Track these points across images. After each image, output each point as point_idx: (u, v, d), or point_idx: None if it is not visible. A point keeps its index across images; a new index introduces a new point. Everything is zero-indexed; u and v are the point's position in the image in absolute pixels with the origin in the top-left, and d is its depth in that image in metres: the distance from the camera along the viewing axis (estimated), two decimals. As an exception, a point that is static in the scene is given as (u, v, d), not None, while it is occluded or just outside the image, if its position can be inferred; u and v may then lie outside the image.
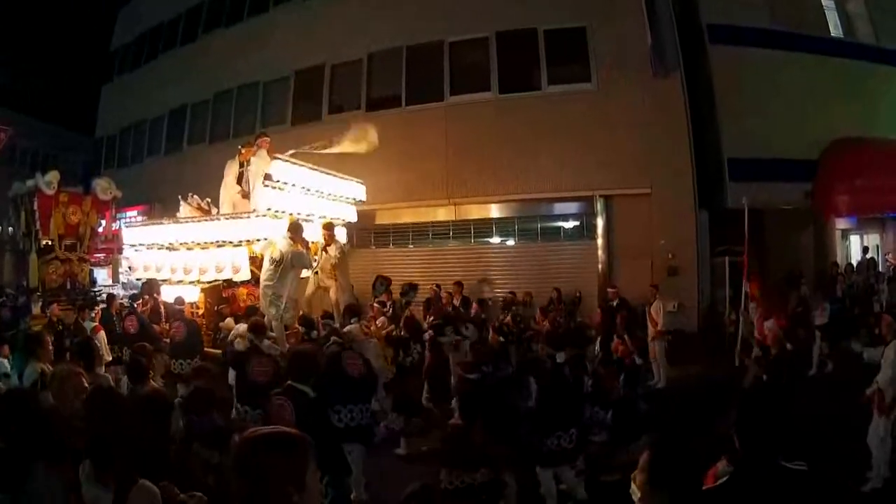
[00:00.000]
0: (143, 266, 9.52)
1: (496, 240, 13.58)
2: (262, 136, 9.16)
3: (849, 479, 5.20)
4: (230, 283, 8.61)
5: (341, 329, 7.28)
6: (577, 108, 12.31)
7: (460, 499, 4.63)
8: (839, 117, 12.39)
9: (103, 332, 8.54)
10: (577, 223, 12.85)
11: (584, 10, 12.40)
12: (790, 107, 11.99)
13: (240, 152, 9.30)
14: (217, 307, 8.71)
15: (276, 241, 7.85)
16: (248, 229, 8.21)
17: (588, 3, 12.39)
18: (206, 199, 9.69)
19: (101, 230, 12.47)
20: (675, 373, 9.19)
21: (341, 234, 10.13)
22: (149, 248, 9.36)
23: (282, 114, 15.15)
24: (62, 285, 11.36)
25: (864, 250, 14.63)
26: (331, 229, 8.57)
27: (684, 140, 11.63)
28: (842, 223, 14.24)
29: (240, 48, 16.31)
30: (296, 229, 7.85)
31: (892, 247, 14.29)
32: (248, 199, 8.96)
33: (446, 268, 13.14)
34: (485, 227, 13.56)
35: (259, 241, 8.29)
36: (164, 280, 9.14)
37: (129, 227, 11.12)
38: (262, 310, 7.85)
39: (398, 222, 14.26)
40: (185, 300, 8.68)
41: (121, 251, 12.97)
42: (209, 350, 7.91)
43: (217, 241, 8.44)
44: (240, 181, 9.25)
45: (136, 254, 9.79)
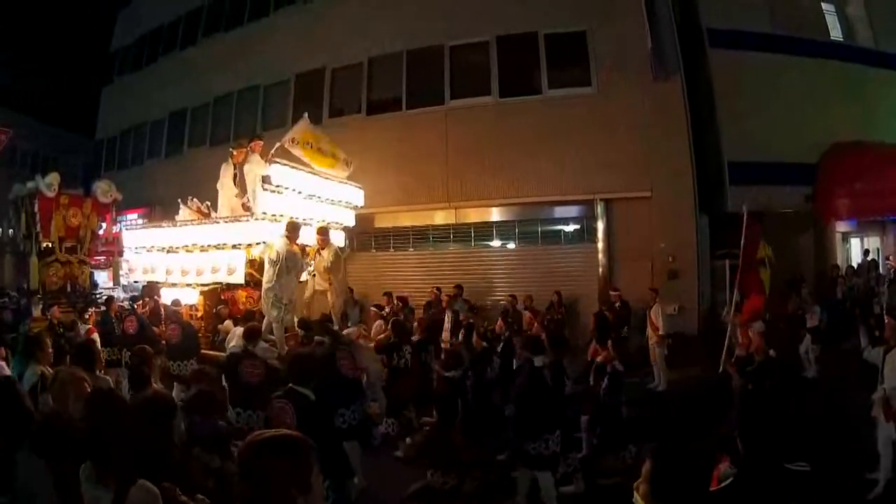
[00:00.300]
0: (143, 269, 9.53)
1: (496, 243, 13.57)
2: (255, 139, 9.15)
3: (849, 480, 5.19)
4: (229, 285, 8.63)
5: (340, 332, 7.30)
6: (577, 111, 12.32)
7: (441, 499, 4.66)
8: (839, 121, 12.40)
9: (97, 334, 8.55)
10: (578, 226, 12.83)
11: (584, 14, 12.41)
12: (790, 110, 12.00)
13: (231, 154, 9.31)
14: (216, 309, 8.73)
15: (273, 242, 7.85)
16: (246, 232, 8.21)
17: (588, 7, 12.39)
18: (206, 203, 9.68)
19: (101, 232, 12.50)
20: (675, 376, 9.20)
21: (339, 238, 10.13)
22: (148, 251, 9.36)
23: (282, 117, 15.13)
24: (62, 288, 11.39)
25: (865, 253, 14.65)
26: (325, 234, 8.57)
27: (684, 143, 11.64)
28: (842, 226, 14.26)
29: (240, 51, 16.35)
30: (293, 229, 7.83)
31: (892, 249, 14.30)
32: (245, 201, 8.97)
33: (446, 271, 13.14)
34: (485, 231, 13.55)
35: (258, 244, 8.30)
36: (163, 282, 9.16)
37: (129, 229, 11.13)
38: (264, 312, 7.85)
39: (398, 225, 14.25)
40: (182, 302, 8.70)
41: (121, 254, 13.00)
42: (207, 352, 7.91)
43: (216, 244, 8.45)
44: (235, 183, 9.25)
45: (135, 256, 9.79)
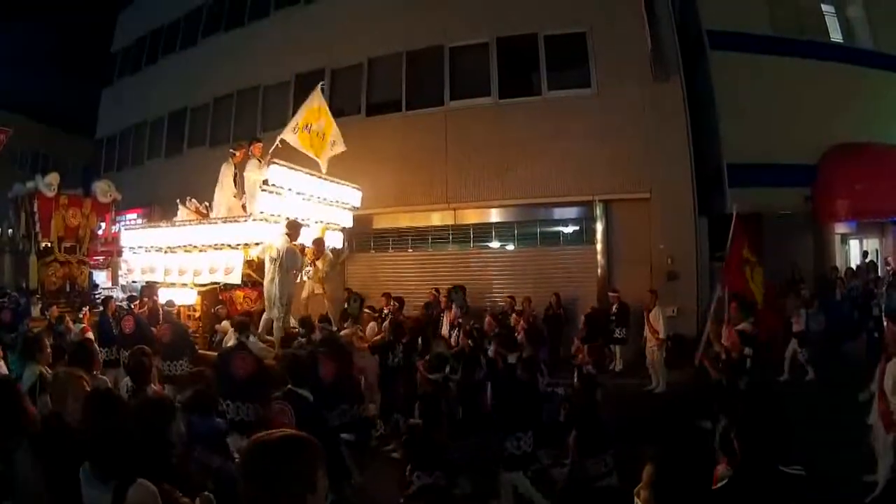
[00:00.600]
0: (141, 269, 9.52)
1: (495, 244, 13.58)
2: (255, 141, 9.16)
3: (843, 484, 5.19)
4: (227, 286, 8.62)
5: (338, 333, 7.33)
6: (576, 112, 12.33)
7: (422, 499, 4.66)
8: (839, 122, 12.42)
9: (91, 334, 8.54)
10: (577, 228, 12.84)
11: (583, 16, 12.43)
12: (790, 112, 12.01)
13: (233, 155, 9.33)
14: (214, 310, 8.72)
15: (274, 240, 7.86)
16: (244, 233, 8.21)
17: (588, 8, 12.41)
18: (205, 203, 9.68)
19: (100, 233, 12.49)
20: (674, 377, 9.20)
21: (337, 239, 10.13)
22: (147, 251, 9.36)
23: (282, 118, 15.08)
24: (62, 287, 11.38)
25: (864, 255, 14.66)
26: (320, 245, 8.61)
27: (684, 145, 11.65)
28: (841, 228, 14.26)
29: (240, 52, 16.37)
30: (294, 227, 7.86)
31: (891, 251, 14.31)
32: (243, 202, 8.98)
33: (445, 272, 13.14)
34: (484, 232, 13.55)
35: (256, 245, 8.30)
36: (161, 282, 9.15)
37: (127, 229, 11.12)
38: (266, 312, 7.85)
39: (398, 226, 14.26)
40: (177, 302, 8.68)
41: (120, 254, 12.99)
42: (204, 353, 7.90)
43: (214, 245, 8.45)
44: (235, 183, 9.26)
45: (133, 256, 9.79)
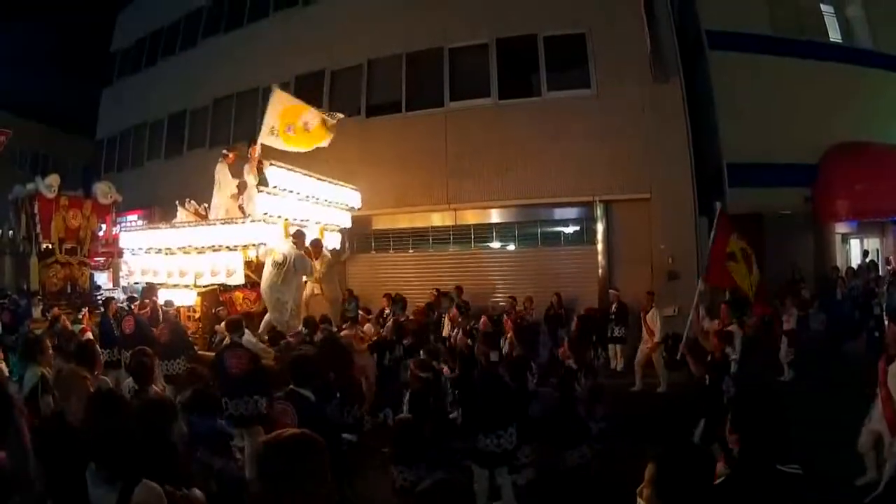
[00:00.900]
0: (141, 270, 9.53)
1: (496, 245, 13.57)
2: (253, 143, 9.17)
3: (842, 484, 5.19)
4: (226, 287, 8.63)
5: (338, 334, 7.33)
6: (576, 113, 12.33)
7: (408, 497, 4.66)
8: (838, 122, 12.44)
9: (90, 334, 8.54)
10: (577, 228, 12.83)
11: (583, 16, 12.42)
12: (789, 112, 12.03)
13: (225, 156, 9.34)
14: (215, 311, 8.72)
15: (278, 245, 7.88)
16: (243, 234, 8.23)
17: (587, 9, 12.40)
18: (204, 205, 9.69)
19: (101, 234, 12.51)
20: (673, 378, 9.18)
21: (336, 240, 10.14)
22: (146, 252, 9.38)
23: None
24: (62, 289, 11.39)
25: (865, 254, 14.66)
26: (318, 245, 8.65)
27: (684, 145, 11.64)
28: (842, 227, 14.25)
29: (239, 53, 16.35)
30: (300, 236, 7.99)
31: (892, 251, 14.31)
32: (240, 202, 9.00)
33: (446, 273, 13.13)
34: (485, 232, 13.55)
35: (254, 245, 8.31)
36: (161, 284, 9.16)
37: (127, 231, 11.13)
38: (269, 314, 7.86)
39: (398, 227, 14.25)
40: (175, 303, 8.69)
41: (121, 255, 13.00)
42: (202, 353, 7.90)
43: (213, 246, 8.47)
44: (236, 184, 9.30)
45: (133, 257, 9.80)
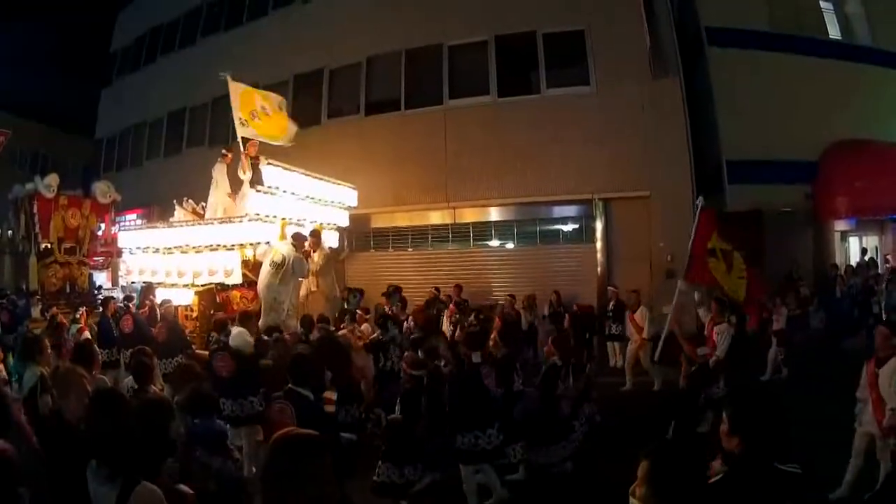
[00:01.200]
0: (139, 269, 9.52)
1: (495, 243, 13.57)
2: (251, 142, 9.16)
3: (840, 484, 5.19)
4: (224, 286, 8.61)
5: (336, 333, 7.31)
6: (575, 110, 12.32)
7: (397, 494, 4.67)
8: (838, 119, 12.44)
9: (88, 334, 8.53)
10: (577, 226, 12.83)
11: (582, 13, 12.40)
12: (789, 109, 12.02)
13: (224, 156, 9.33)
14: (212, 312, 8.69)
15: (277, 245, 7.86)
16: (240, 233, 8.22)
17: (587, 7, 12.38)
18: (202, 204, 9.67)
19: (100, 233, 12.48)
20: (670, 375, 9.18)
21: (333, 239, 10.12)
22: (144, 252, 9.37)
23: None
24: (62, 289, 11.37)
25: (864, 252, 14.65)
26: (317, 237, 8.62)
27: (683, 142, 11.63)
28: (841, 225, 14.26)
29: (239, 51, 16.31)
30: (299, 238, 8.00)
31: (891, 248, 14.31)
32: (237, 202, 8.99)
33: (445, 271, 13.14)
34: (484, 230, 13.54)
35: (251, 245, 8.30)
36: (159, 283, 9.17)
37: (124, 230, 11.10)
38: (263, 314, 7.84)
39: (397, 225, 14.25)
40: (172, 302, 8.68)
41: (120, 254, 12.99)
42: (198, 352, 7.88)
43: (210, 245, 8.46)
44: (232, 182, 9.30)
45: (131, 257, 9.79)
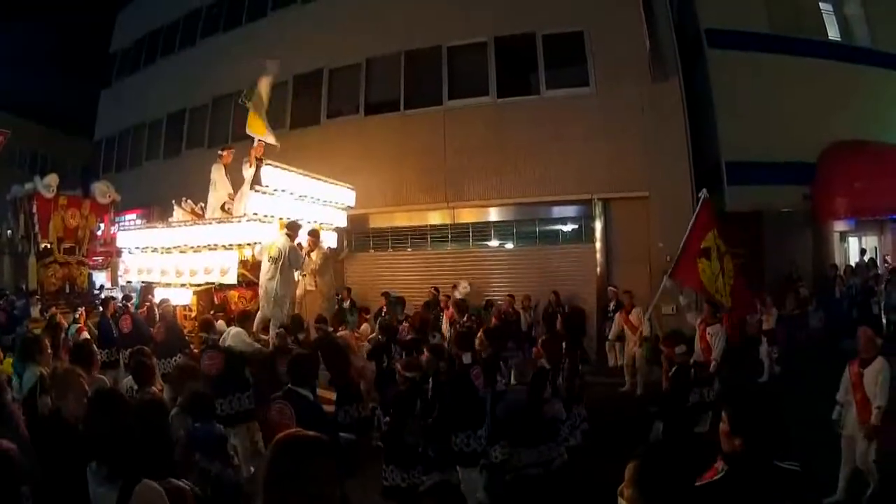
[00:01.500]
0: (138, 269, 9.53)
1: (494, 243, 13.56)
2: (259, 143, 9.15)
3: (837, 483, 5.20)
4: (222, 286, 8.61)
5: (334, 334, 7.32)
6: (575, 112, 12.31)
7: (397, 497, 4.67)
8: (837, 120, 12.44)
9: (87, 334, 8.53)
10: (576, 226, 12.82)
11: (582, 15, 12.40)
12: (788, 110, 12.03)
13: (221, 156, 9.33)
14: (212, 314, 8.69)
15: (274, 240, 7.87)
16: (238, 233, 8.22)
17: (586, 8, 12.38)
18: (200, 204, 9.68)
19: (99, 234, 12.49)
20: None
21: (331, 239, 10.12)
22: (143, 251, 9.37)
23: (280, 118, 15.14)
24: (61, 289, 11.38)
25: (863, 252, 14.67)
26: (316, 236, 8.63)
27: (682, 143, 11.63)
28: (840, 225, 14.26)
29: (238, 52, 16.29)
30: (293, 227, 7.96)
31: (890, 249, 14.33)
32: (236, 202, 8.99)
33: (445, 271, 13.14)
34: (483, 231, 13.54)
35: (249, 245, 8.30)
36: (157, 283, 9.17)
37: (123, 230, 11.10)
38: (264, 310, 7.84)
39: (396, 226, 14.25)
40: (171, 302, 8.66)
41: (119, 254, 13.00)
42: (194, 353, 7.89)
43: (208, 245, 8.46)
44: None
45: (130, 257, 9.79)
